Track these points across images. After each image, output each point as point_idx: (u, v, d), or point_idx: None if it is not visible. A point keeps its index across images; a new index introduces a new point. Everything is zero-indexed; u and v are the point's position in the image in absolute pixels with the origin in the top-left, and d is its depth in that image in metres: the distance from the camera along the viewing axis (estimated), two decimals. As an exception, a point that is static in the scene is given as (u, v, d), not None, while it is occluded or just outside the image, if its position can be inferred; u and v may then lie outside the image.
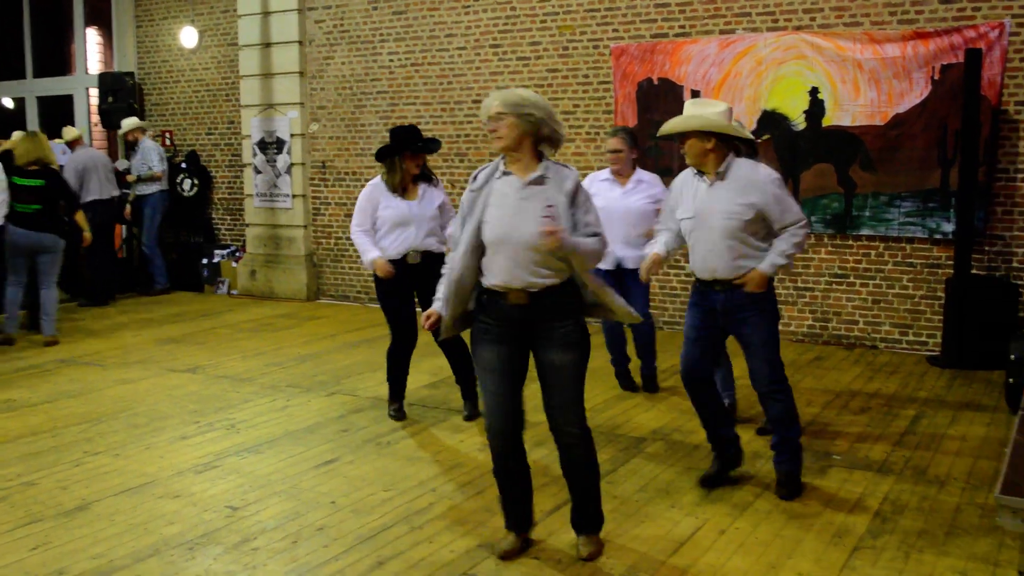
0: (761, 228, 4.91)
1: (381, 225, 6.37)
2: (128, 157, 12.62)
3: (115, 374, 7.99)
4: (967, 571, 4.16)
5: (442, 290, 4.27)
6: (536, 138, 4.15)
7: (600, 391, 7.18)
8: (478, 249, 4.12)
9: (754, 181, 4.88)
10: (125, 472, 5.53)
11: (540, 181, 4.12)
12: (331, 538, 4.56)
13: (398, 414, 6.66)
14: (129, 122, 12.26)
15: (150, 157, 12.04)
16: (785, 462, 5.14)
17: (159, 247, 12.36)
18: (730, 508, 4.91)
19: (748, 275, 4.90)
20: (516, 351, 4.20)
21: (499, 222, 4.08)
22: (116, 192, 11.74)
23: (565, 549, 4.41)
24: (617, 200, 6.91)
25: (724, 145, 4.89)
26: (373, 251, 6.34)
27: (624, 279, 6.87)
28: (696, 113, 4.91)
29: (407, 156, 6.29)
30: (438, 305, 4.29)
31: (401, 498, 5.08)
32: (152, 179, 12.07)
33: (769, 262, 4.91)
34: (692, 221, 4.99)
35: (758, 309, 5.01)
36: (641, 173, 7.11)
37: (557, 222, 3.96)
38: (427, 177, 6.49)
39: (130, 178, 12.08)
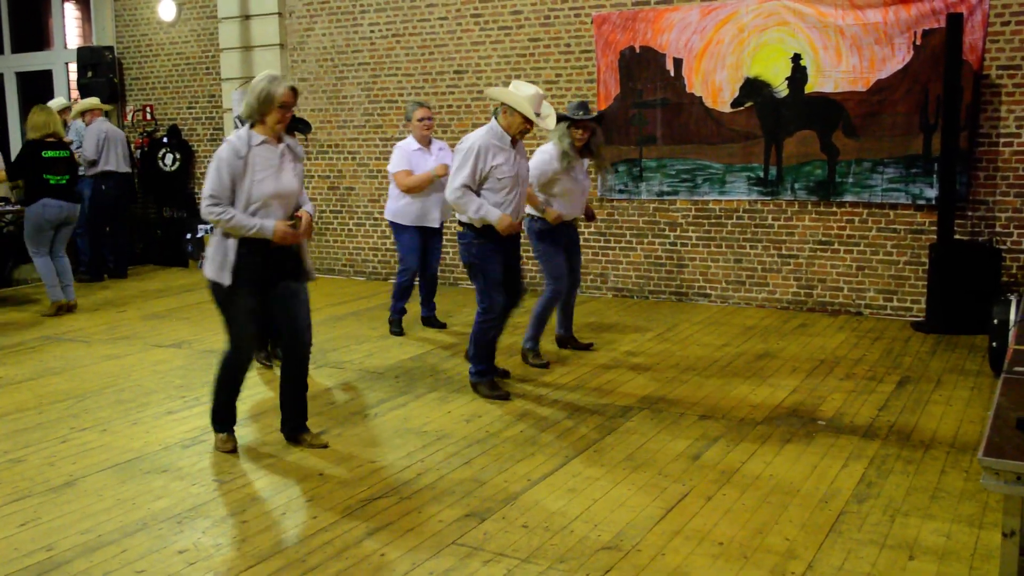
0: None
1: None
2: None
3: (100, 350, 7.96)
4: (952, 534, 4.20)
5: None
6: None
7: (585, 364, 7.20)
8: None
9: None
10: (112, 448, 5.53)
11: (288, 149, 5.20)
12: (320, 509, 4.57)
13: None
14: (89, 101, 11.63)
15: (89, 141, 11.31)
16: None
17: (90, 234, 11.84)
18: (717, 475, 4.94)
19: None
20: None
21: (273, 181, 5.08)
22: (129, 168, 11.68)
23: (551, 516, 4.44)
24: (431, 166, 8.02)
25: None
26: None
27: (433, 237, 8.36)
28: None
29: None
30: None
31: (389, 469, 5.09)
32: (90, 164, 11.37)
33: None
34: (514, 179, 6.18)
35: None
36: (436, 141, 8.25)
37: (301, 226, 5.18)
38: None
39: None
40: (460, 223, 6.36)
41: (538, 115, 6.07)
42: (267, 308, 5.26)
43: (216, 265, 5.12)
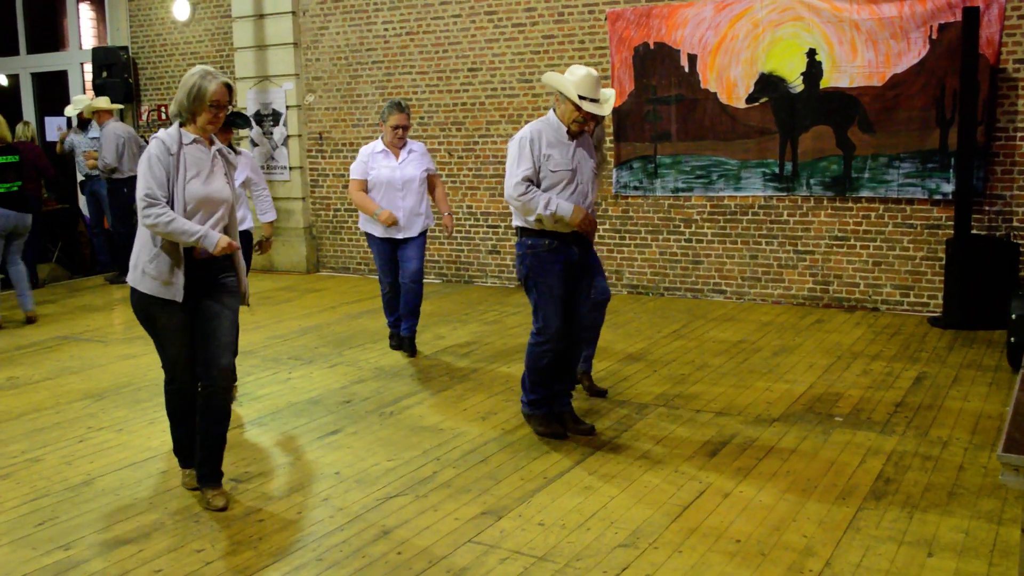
0: None
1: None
2: (84, 130, 11.85)
3: (117, 350, 8.00)
4: (971, 530, 4.18)
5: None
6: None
7: (601, 361, 7.18)
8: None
9: (593, 140, 5.72)
10: (129, 447, 5.55)
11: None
12: (336, 508, 4.58)
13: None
14: (99, 102, 11.37)
15: (108, 146, 11.02)
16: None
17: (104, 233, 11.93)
18: (733, 472, 4.92)
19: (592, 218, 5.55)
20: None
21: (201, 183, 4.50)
22: None
23: (567, 514, 4.43)
24: (395, 170, 7.29)
25: None
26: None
27: (406, 246, 7.38)
28: (606, 88, 5.45)
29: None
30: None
31: (405, 468, 5.10)
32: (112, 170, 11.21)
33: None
34: (571, 172, 5.37)
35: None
36: (412, 143, 7.47)
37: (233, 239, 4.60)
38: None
39: (90, 163, 11.35)
40: (516, 228, 5.53)
41: (588, 99, 5.19)
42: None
43: (147, 274, 4.46)
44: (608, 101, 5.34)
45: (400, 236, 7.33)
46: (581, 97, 5.17)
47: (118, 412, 6.25)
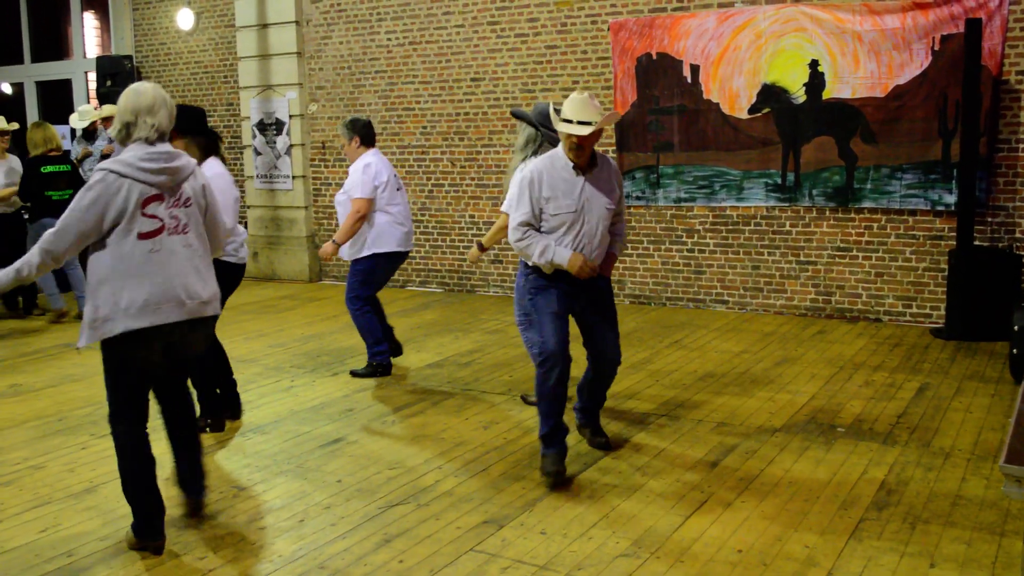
0: None
1: None
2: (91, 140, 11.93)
3: (119, 357, 7.99)
4: (973, 541, 4.17)
5: None
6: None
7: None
8: None
9: (617, 172, 5.19)
10: (131, 454, 5.54)
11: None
12: (338, 516, 4.58)
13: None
14: (111, 108, 11.64)
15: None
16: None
17: None
18: (735, 482, 4.92)
19: (608, 261, 5.26)
20: None
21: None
22: None
23: (569, 523, 4.43)
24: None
25: None
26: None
27: None
28: (597, 106, 4.86)
29: None
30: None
31: (406, 476, 5.10)
32: None
33: (619, 246, 5.35)
34: (575, 214, 4.94)
35: (611, 289, 5.40)
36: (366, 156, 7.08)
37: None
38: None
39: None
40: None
41: (574, 122, 4.77)
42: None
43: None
44: (594, 122, 4.79)
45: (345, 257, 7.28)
46: (566, 121, 4.80)
47: (120, 420, 6.24)
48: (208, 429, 5.84)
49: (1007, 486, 2.86)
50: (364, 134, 7.08)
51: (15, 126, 10.05)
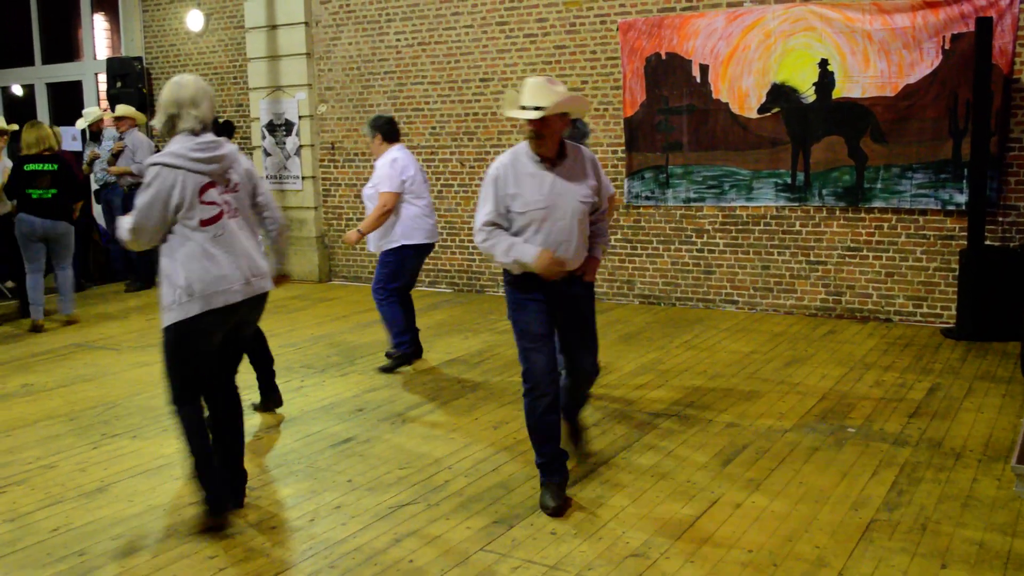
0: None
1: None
2: (97, 142, 11.88)
3: (130, 358, 8.03)
4: (984, 542, 4.16)
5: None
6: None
7: (612, 371, 7.18)
8: None
9: (594, 162, 4.75)
10: (143, 454, 5.57)
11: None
12: (348, 516, 4.59)
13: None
14: (124, 108, 11.60)
15: (145, 154, 11.18)
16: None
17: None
18: (745, 482, 4.91)
19: (588, 264, 4.75)
20: None
21: None
22: None
23: (579, 523, 4.43)
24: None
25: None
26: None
27: None
28: (571, 94, 4.57)
29: None
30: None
31: (417, 476, 5.10)
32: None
33: (599, 247, 4.83)
34: (544, 211, 4.52)
35: (592, 296, 4.91)
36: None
37: None
38: None
39: (115, 169, 11.34)
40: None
41: (530, 108, 4.48)
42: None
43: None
44: (549, 102, 4.43)
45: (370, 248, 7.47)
46: (523, 107, 4.48)
47: (131, 419, 6.27)
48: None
49: (1019, 486, 2.86)
50: (385, 130, 7.25)
51: (14, 127, 10.10)
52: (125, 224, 4.32)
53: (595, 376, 5.05)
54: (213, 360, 4.47)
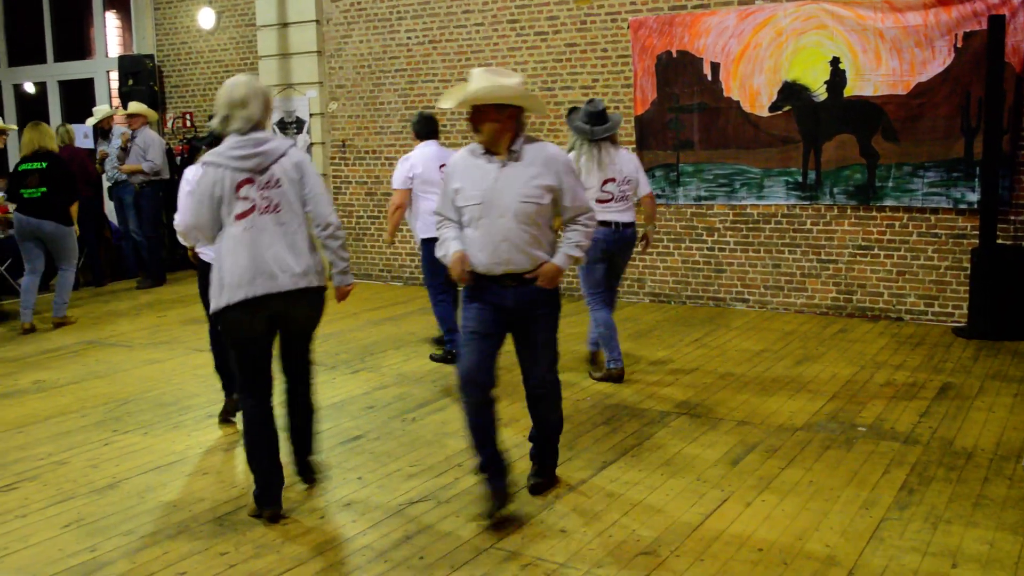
0: (551, 215, 4.49)
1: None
2: (106, 140, 12.02)
3: (142, 354, 8.06)
4: (995, 542, 4.15)
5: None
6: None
7: (624, 368, 7.17)
8: None
9: (558, 161, 4.44)
10: (154, 450, 5.59)
11: None
12: (358, 513, 4.60)
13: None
14: (136, 106, 11.67)
15: (156, 152, 11.56)
16: (549, 456, 4.91)
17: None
18: (756, 481, 4.91)
19: (542, 269, 4.43)
20: None
21: None
22: (169, 175, 11.75)
23: (588, 520, 4.43)
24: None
25: (519, 121, 4.43)
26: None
27: None
28: (499, 83, 4.34)
29: None
30: None
31: (427, 473, 5.11)
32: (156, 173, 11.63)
33: (564, 254, 4.48)
34: (481, 207, 4.37)
35: (550, 306, 4.56)
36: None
37: None
38: None
39: (126, 168, 11.47)
40: None
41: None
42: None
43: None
44: (472, 94, 4.31)
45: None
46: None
47: (143, 416, 6.29)
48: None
49: (1031, 485, 2.85)
50: (417, 129, 7.44)
51: (13, 127, 10.17)
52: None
53: (545, 390, 4.71)
54: (263, 354, 4.56)
